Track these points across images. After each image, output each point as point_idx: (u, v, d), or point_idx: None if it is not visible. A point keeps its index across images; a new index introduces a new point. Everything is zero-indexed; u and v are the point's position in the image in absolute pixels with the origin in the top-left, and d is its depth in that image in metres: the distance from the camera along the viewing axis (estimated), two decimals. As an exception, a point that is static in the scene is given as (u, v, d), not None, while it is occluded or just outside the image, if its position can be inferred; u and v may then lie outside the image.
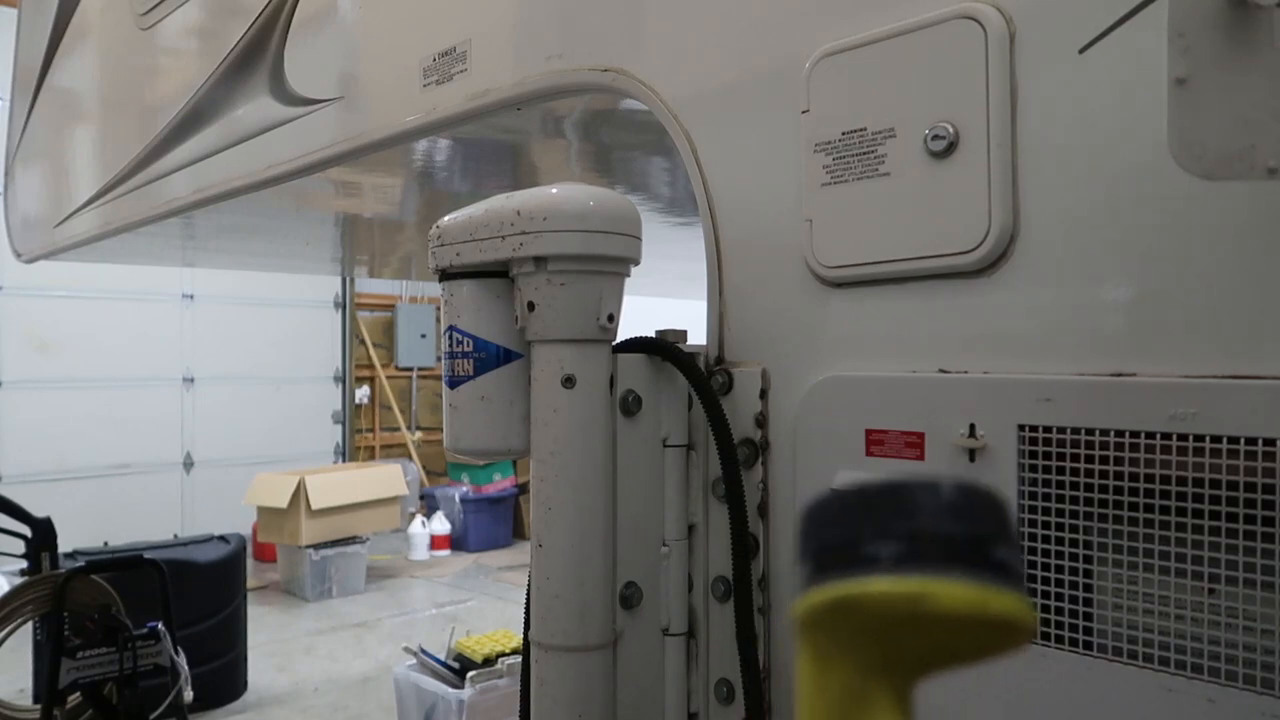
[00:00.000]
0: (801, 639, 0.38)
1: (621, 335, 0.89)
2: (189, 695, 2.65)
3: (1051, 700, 0.69)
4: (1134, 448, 0.65)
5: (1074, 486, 0.68)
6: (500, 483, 8.12)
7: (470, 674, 3.23)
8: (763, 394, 0.89)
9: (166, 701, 2.59)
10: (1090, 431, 0.67)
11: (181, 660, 2.63)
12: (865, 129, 0.79)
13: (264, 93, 1.58)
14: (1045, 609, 0.69)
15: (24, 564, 3.29)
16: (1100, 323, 0.68)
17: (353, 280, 8.63)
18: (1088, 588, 0.68)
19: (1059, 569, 0.68)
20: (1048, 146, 0.70)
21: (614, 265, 0.86)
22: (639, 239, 0.88)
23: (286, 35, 1.53)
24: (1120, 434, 0.65)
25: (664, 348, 0.90)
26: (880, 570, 0.34)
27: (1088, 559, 0.67)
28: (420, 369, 9.22)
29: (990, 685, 0.71)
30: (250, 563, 5.43)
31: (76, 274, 5.04)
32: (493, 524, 8.00)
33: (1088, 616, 0.68)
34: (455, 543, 7.81)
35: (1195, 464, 0.62)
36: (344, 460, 8.63)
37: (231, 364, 7.77)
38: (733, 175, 0.92)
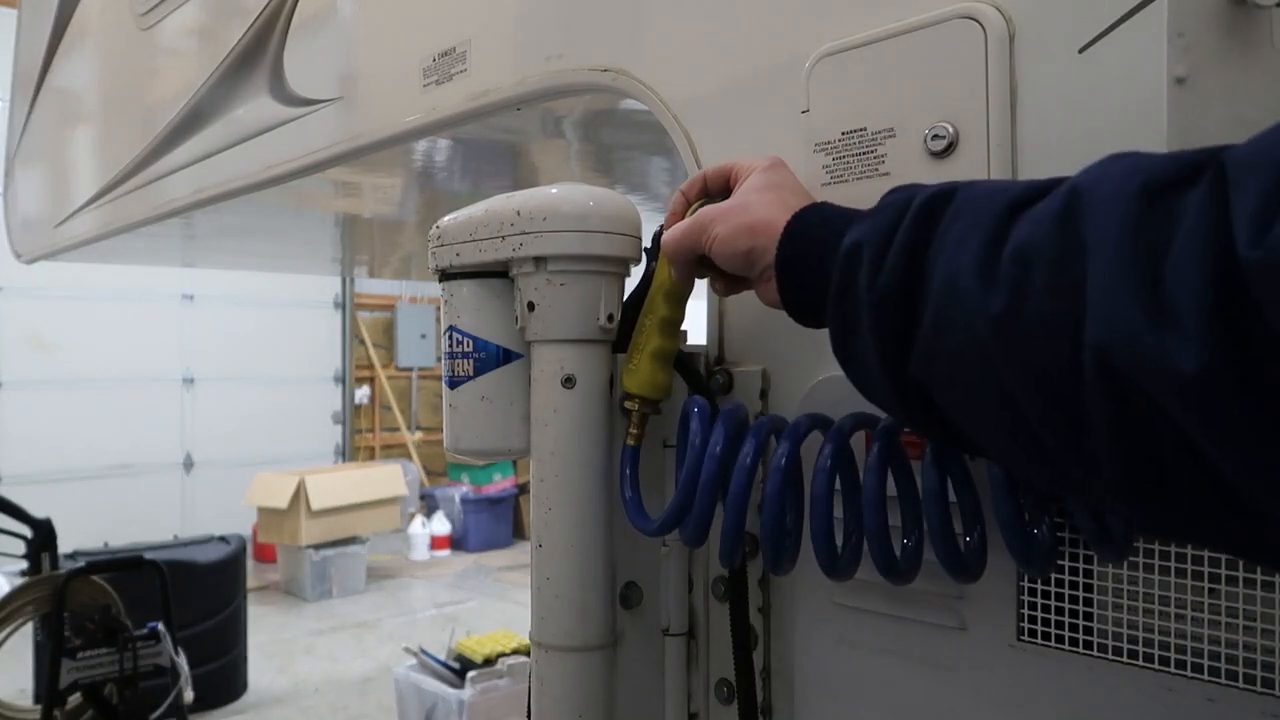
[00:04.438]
0: None
1: (621, 335, 0.89)
2: (189, 695, 2.65)
3: (1052, 700, 0.69)
4: (1134, 447, 0.65)
5: (1074, 486, 0.68)
6: (500, 483, 8.12)
7: (470, 674, 3.23)
8: (763, 394, 0.88)
9: (167, 702, 2.60)
10: (1090, 431, 0.67)
11: (182, 661, 2.63)
12: (865, 129, 0.79)
13: (264, 93, 1.58)
14: (1045, 609, 0.69)
15: (24, 564, 3.30)
16: (1100, 322, 0.68)
17: (353, 280, 8.63)
18: (1088, 588, 0.68)
19: (1059, 569, 0.68)
20: (1048, 146, 0.70)
21: (614, 265, 0.86)
22: (639, 239, 0.88)
23: (286, 35, 1.53)
24: (1120, 434, 0.65)
25: (664, 348, 0.89)
26: None
27: (1088, 559, 0.67)
28: (420, 369, 9.23)
29: (989, 685, 0.71)
30: (250, 563, 5.43)
31: (76, 274, 5.03)
32: (493, 524, 8.01)
33: (1088, 616, 0.68)
34: (455, 543, 7.81)
35: (1195, 464, 0.62)
36: (344, 460, 8.63)
37: (231, 364, 7.77)
38: (733, 175, 0.92)
